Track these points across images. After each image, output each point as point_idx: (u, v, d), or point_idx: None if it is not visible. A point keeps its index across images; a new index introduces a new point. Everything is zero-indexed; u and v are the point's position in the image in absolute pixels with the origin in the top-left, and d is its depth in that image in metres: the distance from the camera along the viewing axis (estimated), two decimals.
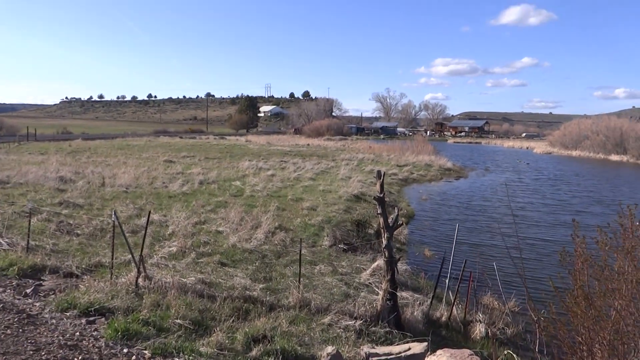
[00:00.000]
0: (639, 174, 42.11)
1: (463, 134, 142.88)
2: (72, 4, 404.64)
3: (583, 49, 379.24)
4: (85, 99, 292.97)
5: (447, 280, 9.49)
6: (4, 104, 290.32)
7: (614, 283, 4.37)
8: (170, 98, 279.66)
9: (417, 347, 5.64)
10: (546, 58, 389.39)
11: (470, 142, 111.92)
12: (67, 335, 5.72)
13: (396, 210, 8.12)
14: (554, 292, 5.20)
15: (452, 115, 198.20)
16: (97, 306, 6.63)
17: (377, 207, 7.79)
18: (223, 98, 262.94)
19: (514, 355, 6.92)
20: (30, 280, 7.89)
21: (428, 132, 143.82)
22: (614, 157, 57.97)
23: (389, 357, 5.43)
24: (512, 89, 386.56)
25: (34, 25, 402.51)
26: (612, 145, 61.22)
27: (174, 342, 5.76)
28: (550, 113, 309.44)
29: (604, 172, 42.45)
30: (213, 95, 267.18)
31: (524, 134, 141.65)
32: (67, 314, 6.48)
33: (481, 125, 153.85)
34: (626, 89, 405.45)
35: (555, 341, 4.86)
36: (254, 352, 5.78)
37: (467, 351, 5.92)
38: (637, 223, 4.44)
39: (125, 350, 5.47)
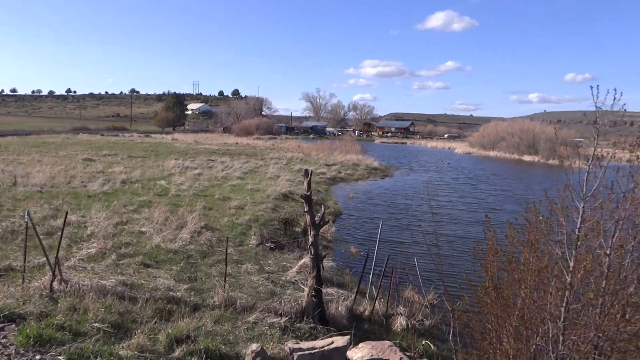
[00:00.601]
0: (548, 174, 45.32)
1: (390, 134, 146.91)
2: None
3: (501, 55, 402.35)
4: None
5: (370, 276, 9.78)
6: None
7: (519, 273, 4.73)
8: (92, 93, 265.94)
9: (339, 341, 5.80)
10: (468, 62, 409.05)
11: (396, 143, 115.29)
12: None
13: (322, 209, 8.27)
14: (468, 285, 5.55)
15: (380, 116, 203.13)
16: (7, 312, 6.25)
17: (304, 205, 7.90)
18: (148, 94, 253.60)
19: (431, 345, 7.30)
20: None
21: (356, 132, 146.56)
22: (527, 158, 61.97)
23: (312, 351, 5.55)
24: (437, 91, 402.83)
25: None
26: (525, 147, 65.46)
27: (91, 346, 5.55)
28: (471, 115, 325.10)
29: (518, 172, 45.34)
30: (138, 92, 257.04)
31: (447, 135, 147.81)
32: None
33: (407, 126, 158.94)
34: (539, 93, 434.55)
35: (467, 329, 5.19)
36: (176, 353, 5.70)
37: (387, 342, 6.17)
38: (540, 218, 4.83)
39: (37, 357, 5.21)
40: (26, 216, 7.53)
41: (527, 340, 4.52)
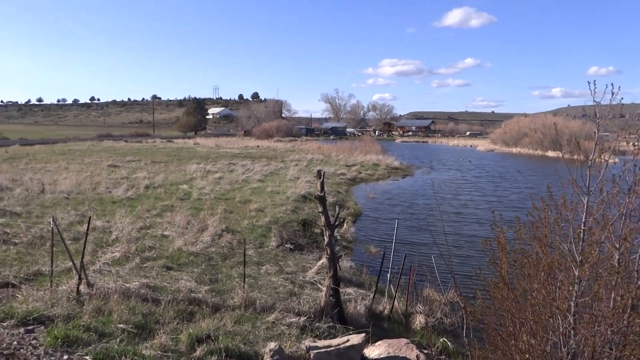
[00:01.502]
0: (573, 170, 44.55)
1: (410, 133, 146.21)
2: (4, 3, 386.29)
3: (522, 50, 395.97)
4: (23, 102, 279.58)
5: (388, 275, 9.84)
6: None
7: (529, 269, 4.76)
8: (115, 101, 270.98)
9: (355, 339, 5.90)
10: (488, 59, 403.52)
11: (417, 141, 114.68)
12: (4, 345, 5.62)
13: (337, 209, 8.38)
14: (482, 283, 5.60)
15: (400, 115, 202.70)
16: (36, 315, 6.51)
17: (319, 205, 8.02)
18: (170, 100, 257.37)
19: (448, 342, 7.34)
20: None
21: (376, 132, 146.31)
22: (551, 154, 60.96)
23: (328, 349, 5.66)
24: (457, 89, 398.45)
25: None
26: (549, 142, 64.41)
27: (116, 346, 5.77)
28: (493, 112, 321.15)
29: (542, 168, 44.59)
30: (159, 98, 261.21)
31: (468, 133, 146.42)
32: (4, 324, 6.34)
33: (428, 125, 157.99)
34: (562, 88, 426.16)
35: (482, 326, 5.25)
36: (197, 352, 5.87)
37: (403, 340, 6.25)
38: (549, 213, 4.85)
39: (65, 357, 5.44)
40: (52, 222, 7.81)
41: (539, 335, 4.55)
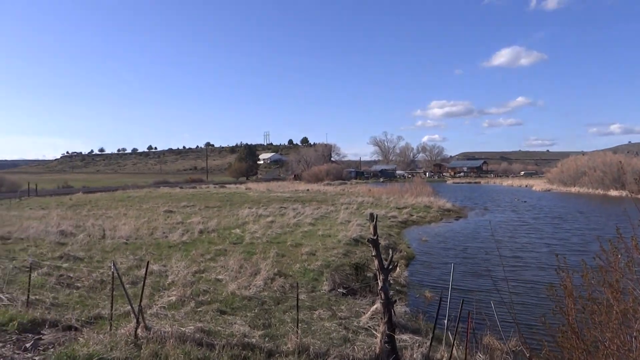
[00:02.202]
0: None
1: (462, 174, 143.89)
2: (69, 59, 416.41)
3: (576, 87, 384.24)
4: (86, 152, 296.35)
5: (445, 321, 9.48)
6: (5, 160, 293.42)
7: (601, 316, 4.47)
8: (170, 149, 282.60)
9: None
10: (540, 97, 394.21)
11: (469, 182, 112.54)
12: None
13: (390, 252, 8.24)
14: (547, 331, 5.30)
15: (450, 156, 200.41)
16: (97, 358, 6.66)
17: (372, 249, 7.91)
18: (222, 147, 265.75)
19: None
20: (30, 335, 7.92)
21: (427, 173, 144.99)
22: (614, 192, 58.15)
23: None
24: (509, 128, 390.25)
25: (33, 82, 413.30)
26: (610, 181, 61.59)
27: None
28: (548, 151, 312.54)
29: (606, 208, 42.38)
30: (212, 145, 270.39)
31: (523, 172, 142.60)
32: None
33: (479, 165, 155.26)
34: (621, 124, 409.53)
35: None
36: None
37: None
38: (619, 256, 4.58)
39: None
40: (112, 267, 8.07)
41: None
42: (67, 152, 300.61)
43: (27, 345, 7.34)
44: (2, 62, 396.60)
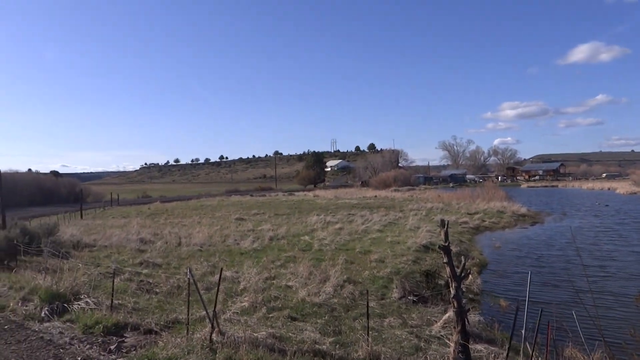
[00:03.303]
0: None
1: (537, 177, 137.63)
2: (144, 76, 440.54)
3: None
4: (163, 163, 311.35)
5: (523, 331, 9.04)
6: (91, 172, 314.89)
7: None
8: (241, 158, 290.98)
9: None
10: (623, 94, 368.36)
11: (545, 186, 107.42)
12: None
13: (463, 259, 7.99)
14: (637, 342, 4.94)
15: (524, 159, 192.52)
16: None
17: (443, 256, 7.72)
18: (290, 155, 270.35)
19: None
20: (114, 337, 8.39)
21: (499, 177, 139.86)
22: None
23: None
24: (588, 128, 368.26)
25: (114, 98, 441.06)
26: None
27: None
28: (632, 151, 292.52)
29: None
30: (281, 153, 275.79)
31: (605, 175, 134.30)
32: None
33: (556, 168, 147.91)
34: None
35: None
36: None
37: None
38: None
39: None
40: (189, 273, 8.39)
41: None
42: (146, 164, 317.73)
43: (112, 347, 7.77)
44: (85, 80, 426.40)
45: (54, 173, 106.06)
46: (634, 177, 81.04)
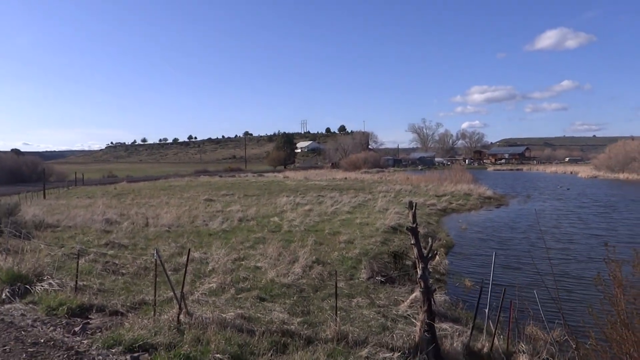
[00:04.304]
0: None
1: (503, 161, 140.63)
2: (112, 53, 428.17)
3: (626, 69, 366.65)
4: (130, 143, 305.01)
5: (487, 310, 9.30)
6: (54, 151, 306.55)
7: None
8: (210, 138, 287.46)
9: None
10: (587, 80, 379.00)
11: (511, 169, 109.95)
12: None
13: (430, 241, 8.11)
14: (595, 321, 5.11)
15: (491, 143, 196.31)
16: (141, 342, 6.86)
17: (411, 237, 7.82)
18: (260, 136, 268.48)
19: None
20: (79, 319, 8.23)
21: (467, 160, 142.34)
22: None
23: None
24: (553, 113, 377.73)
25: (79, 75, 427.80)
26: None
27: None
28: (594, 136, 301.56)
29: None
30: (251, 134, 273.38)
31: (567, 159, 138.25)
32: (113, 350, 6.74)
33: (522, 152, 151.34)
34: None
35: None
36: None
37: None
38: None
39: None
40: (155, 254, 8.26)
41: None
42: (112, 143, 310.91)
43: (76, 329, 7.62)
44: (48, 58, 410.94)
45: (15, 151, 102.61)
46: (595, 162, 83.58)
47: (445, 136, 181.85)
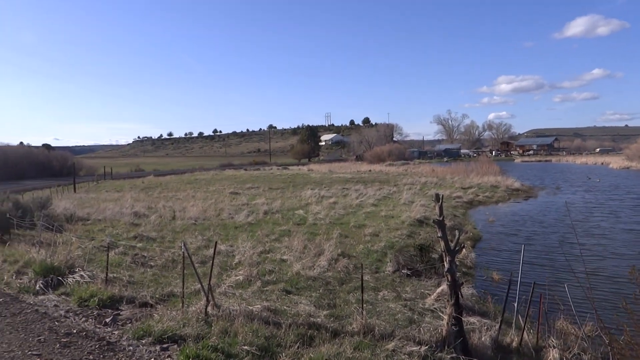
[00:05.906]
0: None
1: (531, 152, 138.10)
2: (139, 50, 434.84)
3: None
4: (156, 137, 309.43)
5: (515, 304, 9.15)
6: (83, 146, 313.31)
7: None
8: (235, 132, 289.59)
9: None
10: (619, 68, 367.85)
11: (539, 161, 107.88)
12: None
13: (457, 233, 8.00)
14: (629, 316, 4.97)
15: (519, 134, 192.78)
16: (170, 334, 6.96)
17: (438, 230, 7.72)
18: (285, 129, 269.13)
19: None
20: (109, 310, 8.40)
21: (493, 152, 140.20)
22: None
23: None
24: (583, 102, 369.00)
25: (107, 72, 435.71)
26: None
27: None
28: (627, 126, 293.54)
29: None
30: (275, 127, 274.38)
31: (598, 149, 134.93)
32: (143, 341, 6.86)
33: (550, 142, 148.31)
34: None
35: None
36: None
37: None
38: None
39: None
40: (183, 247, 8.36)
41: None
42: (139, 137, 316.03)
43: (107, 320, 7.79)
44: (78, 56, 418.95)
45: (46, 146, 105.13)
46: (627, 152, 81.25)
47: (471, 127, 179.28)
